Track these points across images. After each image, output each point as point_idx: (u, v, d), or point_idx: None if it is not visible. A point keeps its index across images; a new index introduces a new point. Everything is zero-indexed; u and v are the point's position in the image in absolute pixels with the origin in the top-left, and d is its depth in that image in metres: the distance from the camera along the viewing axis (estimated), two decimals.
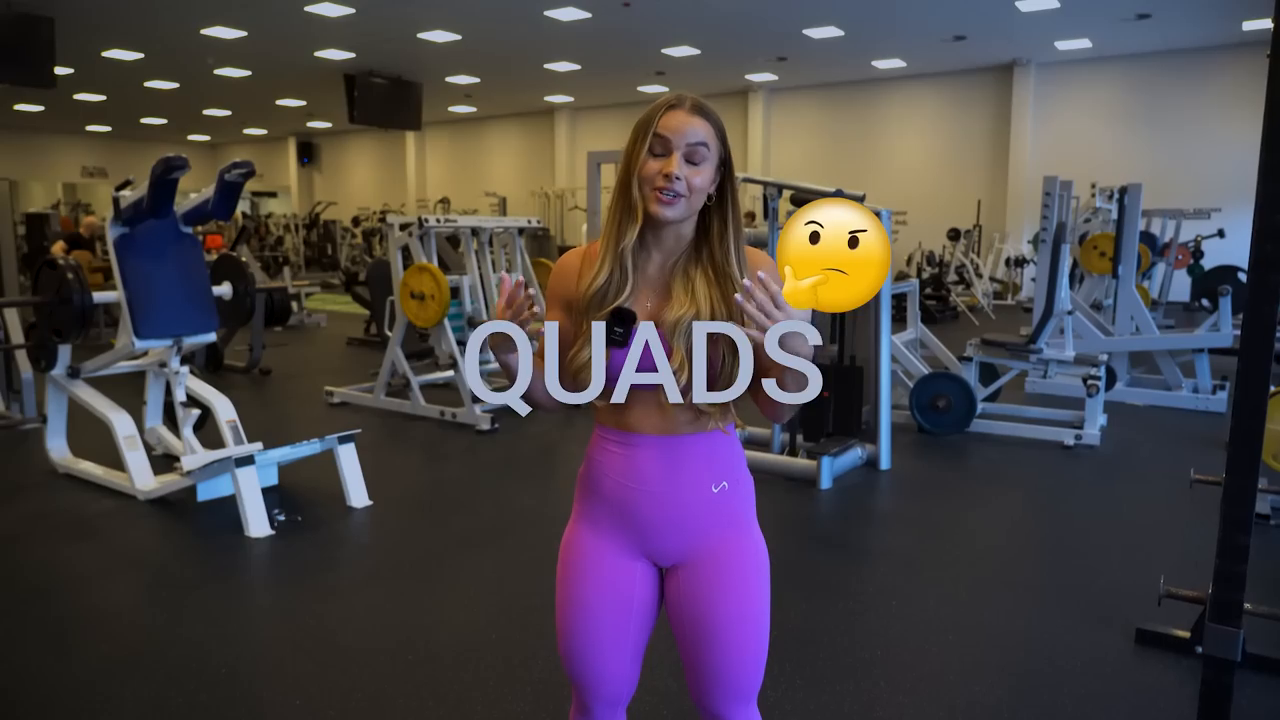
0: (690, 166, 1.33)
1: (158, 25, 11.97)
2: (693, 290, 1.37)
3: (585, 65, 14.85)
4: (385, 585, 3.38)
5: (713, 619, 1.42)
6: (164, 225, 4.35)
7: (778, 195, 4.88)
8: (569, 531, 1.51)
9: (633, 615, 1.46)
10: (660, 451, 1.39)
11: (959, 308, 12.00)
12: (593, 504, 1.46)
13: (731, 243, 1.39)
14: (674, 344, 1.33)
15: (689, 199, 1.34)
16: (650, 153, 1.34)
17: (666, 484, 1.40)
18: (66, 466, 4.69)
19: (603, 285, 1.37)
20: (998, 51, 14.09)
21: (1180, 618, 2.81)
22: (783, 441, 4.94)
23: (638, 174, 1.35)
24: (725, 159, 1.38)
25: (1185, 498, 3.75)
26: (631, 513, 1.42)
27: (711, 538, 1.43)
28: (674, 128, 1.33)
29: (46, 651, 2.83)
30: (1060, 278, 5.95)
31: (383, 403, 6.35)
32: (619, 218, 1.37)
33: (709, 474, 1.41)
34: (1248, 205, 2.19)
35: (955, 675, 2.68)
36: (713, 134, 1.35)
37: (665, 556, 1.45)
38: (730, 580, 1.43)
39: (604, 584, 1.45)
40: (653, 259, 1.41)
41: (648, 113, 1.36)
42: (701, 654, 1.44)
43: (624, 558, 1.45)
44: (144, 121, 21.60)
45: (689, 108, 1.35)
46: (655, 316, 1.37)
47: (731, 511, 1.44)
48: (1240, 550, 2.13)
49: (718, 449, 1.42)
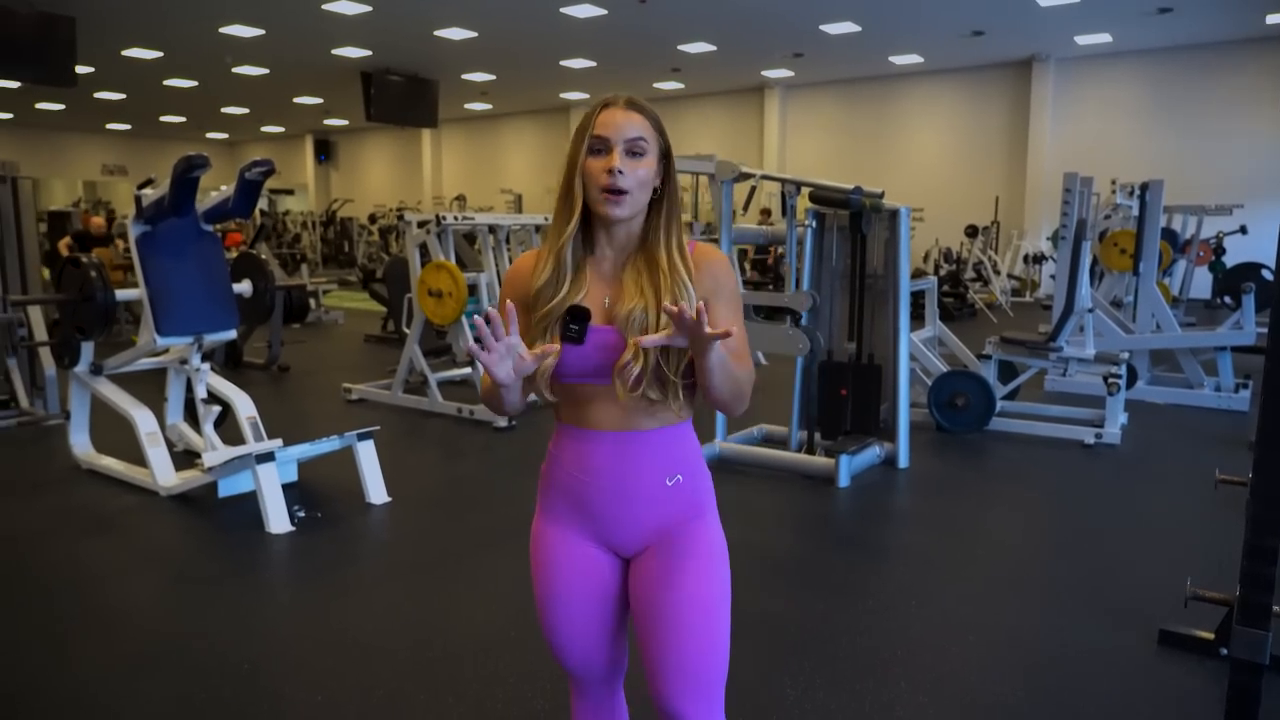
0: (631, 160, 1.37)
1: (177, 24, 12.05)
2: (641, 284, 1.41)
3: (601, 62, 14.84)
4: (404, 582, 3.39)
5: (665, 604, 1.43)
6: (185, 223, 4.38)
7: (795, 193, 4.87)
8: (535, 527, 1.56)
9: (606, 600, 1.50)
10: (614, 446, 1.43)
11: (977, 305, 11.92)
12: (553, 498, 1.51)
13: (674, 234, 1.43)
14: (627, 336, 1.37)
15: (634, 195, 1.38)
16: (590, 152, 1.38)
17: (620, 478, 1.43)
18: (89, 462, 4.74)
19: (545, 283, 1.41)
20: (1017, 47, 13.98)
21: (1203, 619, 2.78)
22: (800, 439, 4.93)
23: (580, 173, 1.39)
24: (666, 151, 1.43)
25: (1207, 497, 3.72)
26: (588, 506, 1.46)
27: (667, 529, 1.46)
28: (611, 125, 1.38)
29: (70, 647, 2.86)
30: (1080, 275, 5.90)
31: (400, 400, 6.38)
32: (558, 216, 1.43)
33: (663, 467, 1.44)
34: (1271, 201, 2.16)
35: (975, 675, 2.66)
36: (649, 127, 1.40)
37: (624, 548, 1.49)
38: (685, 566, 1.44)
39: (574, 572, 1.49)
40: (606, 256, 1.45)
41: (585, 115, 1.41)
42: (655, 642, 1.43)
43: (586, 545, 1.49)
44: (163, 120, 21.76)
45: (624, 105, 1.40)
46: (611, 311, 1.41)
47: (687, 503, 1.47)
48: (1269, 552, 2.10)
49: (672, 443, 1.45)
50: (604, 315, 1.41)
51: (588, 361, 1.39)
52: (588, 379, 1.41)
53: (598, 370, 1.39)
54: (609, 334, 1.39)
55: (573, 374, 1.41)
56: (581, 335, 1.35)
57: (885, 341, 4.94)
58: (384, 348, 8.99)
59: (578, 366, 1.39)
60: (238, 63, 14.74)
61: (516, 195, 17.59)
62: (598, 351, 1.38)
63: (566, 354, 1.37)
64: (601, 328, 1.40)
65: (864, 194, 4.58)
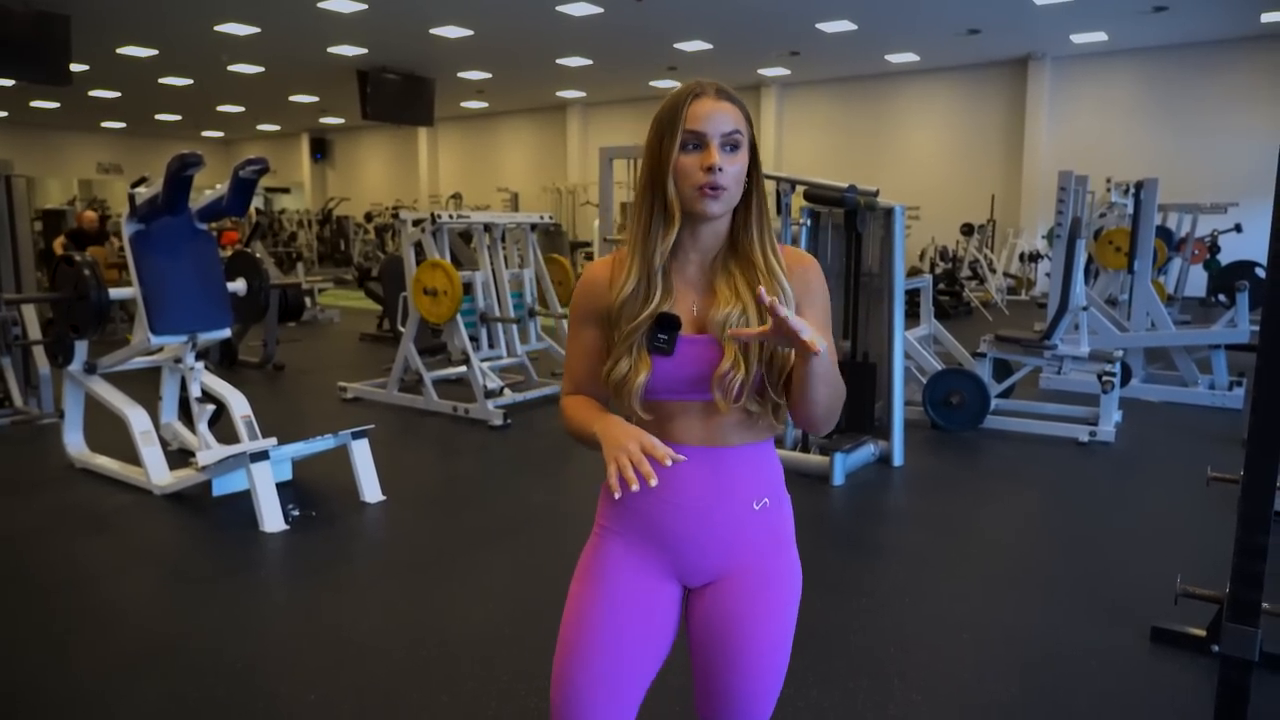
0: (728, 155, 1.25)
1: (172, 22, 12.03)
2: (736, 286, 1.29)
3: (597, 60, 14.83)
4: (399, 580, 3.39)
5: (740, 642, 1.34)
6: (179, 222, 4.37)
7: (790, 191, 4.87)
8: (592, 545, 1.40)
9: (652, 640, 1.35)
10: (703, 464, 1.30)
11: (973, 303, 11.94)
12: (622, 519, 1.36)
13: (766, 233, 1.33)
14: (725, 343, 1.26)
15: (730, 191, 1.26)
16: (683, 147, 1.25)
17: (708, 499, 1.31)
18: (83, 461, 4.73)
19: (632, 292, 1.29)
20: (1012, 45, 13.99)
21: (1196, 616, 2.79)
22: (795, 437, 4.93)
23: (673, 172, 1.25)
24: (753, 143, 1.31)
25: (1201, 495, 3.72)
26: (667, 530, 1.32)
27: (748, 557, 1.35)
28: (705, 117, 1.24)
29: (63, 646, 2.85)
30: (1075, 273, 5.91)
31: (396, 398, 6.37)
32: (649, 221, 1.28)
33: (751, 489, 1.34)
34: (1266, 199, 2.16)
35: (969, 673, 2.67)
36: (742, 119, 1.28)
37: (698, 576, 1.36)
38: (764, 604, 1.35)
39: (627, 604, 1.34)
40: (690, 260, 1.33)
41: (670, 104, 1.27)
42: (722, 678, 1.35)
43: (652, 578, 1.35)
44: (158, 118, 21.72)
45: (715, 94, 1.26)
46: (702, 319, 1.30)
47: (771, 531, 1.37)
48: (1258, 549, 2.11)
49: (762, 463, 1.35)
50: (694, 324, 1.29)
51: (680, 373, 1.27)
52: (681, 394, 1.29)
53: (691, 383, 1.28)
54: (703, 343, 1.28)
55: (665, 389, 1.29)
56: (671, 346, 1.25)
57: (880, 339, 4.95)
58: (380, 346, 8.98)
59: (670, 380, 1.28)
60: (233, 61, 14.71)
61: (513, 194, 17.60)
62: (691, 363, 1.27)
63: (657, 367, 1.26)
64: (694, 337, 1.28)
65: (858, 192, 4.59)
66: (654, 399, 1.31)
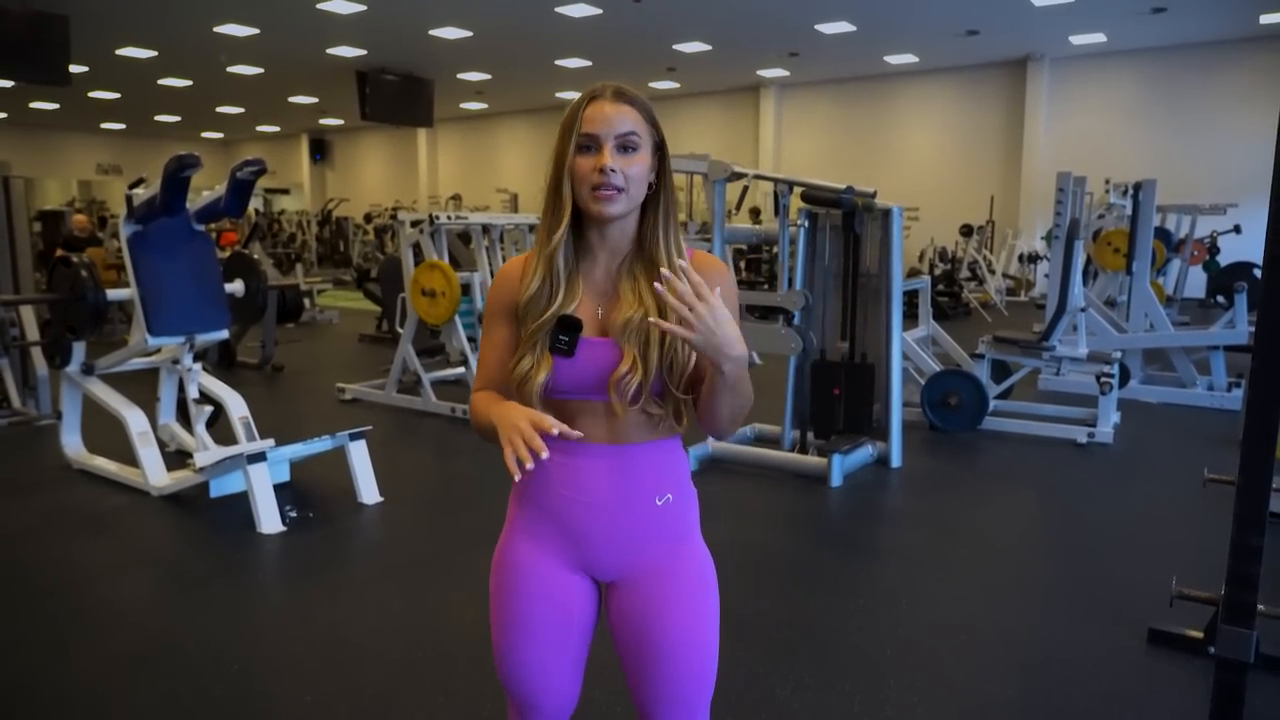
0: (624, 156, 1.28)
1: (171, 23, 12.04)
2: (639, 290, 1.32)
3: (596, 61, 14.84)
4: (396, 582, 3.39)
5: (659, 637, 1.37)
6: (177, 223, 4.37)
7: (788, 192, 4.87)
8: (503, 544, 1.43)
9: (572, 629, 1.41)
10: (607, 461, 1.33)
11: (971, 304, 11.94)
12: (531, 515, 1.39)
13: (670, 234, 1.34)
14: (624, 347, 1.29)
15: (629, 192, 1.28)
16: (578, 150, 1.29)
17: (612, 495, 1.34)
18: (80, 462, 4.73)
19: (536, 292, 1.32)
20: (1011, 46, 14.00)
21: (1193, 617, 2.78)
22: (793, 439, 4.93)
23: (568, 174, 1.29)
24: (660, 144, 1.33)
25: (1199, 497, 3.72)
26: (573, 525, 1.36)
27: (654, 552, 1.37)
28: (599, 119, 1.28)
29: (59, 647, 2.85)
30: (1074, 274, 5.92)
31: (394, 399, 6.37)
32: (546, 220, 1.33)
33: (654, 486, 1.36)
34: (1265, 200, 2.16)
35: (966, 674, 2.67)
36: (641, 120, 1.30)
37: (605, 571, 1.39)
38: (676, 597, 1.37)
39: (543, 598, 1.38)
40: (598, 262, 1.36)
41: (570, 108, 1.30)
42: (648, 673, 1.38)
43: (563, 570, 1.39)
44: (158, 119, 21.73)
45: (611, 96, 1.29)
46: (605, 321, 1.32)
47: (675, 525, 1.39)
48: (1253, 551, 2.11)
49: (665, 459, 1.37)
50: (597, 326, 1.32)
51: (581, 376, 1.30)
52: (583, 394, 1.32)
53: (592, 384, 1.31)
54: (603, 345, 1.30)
55: (565, 389, 1.32)
56: (572, 348, 1.28)
57: (878, 341, 4.94)
58: (378, 347, 8.98)
59: (570, 381, 1.31)
60: (232, 62, 14.72)
61: (512, 195, 17.59)
62: (591, 365, 1.30)
63: (559, 368, 1.29)
64: (595, 339, 1.31)
65: (856, 193, 4.59)
66: (556, 398, 1.33)
